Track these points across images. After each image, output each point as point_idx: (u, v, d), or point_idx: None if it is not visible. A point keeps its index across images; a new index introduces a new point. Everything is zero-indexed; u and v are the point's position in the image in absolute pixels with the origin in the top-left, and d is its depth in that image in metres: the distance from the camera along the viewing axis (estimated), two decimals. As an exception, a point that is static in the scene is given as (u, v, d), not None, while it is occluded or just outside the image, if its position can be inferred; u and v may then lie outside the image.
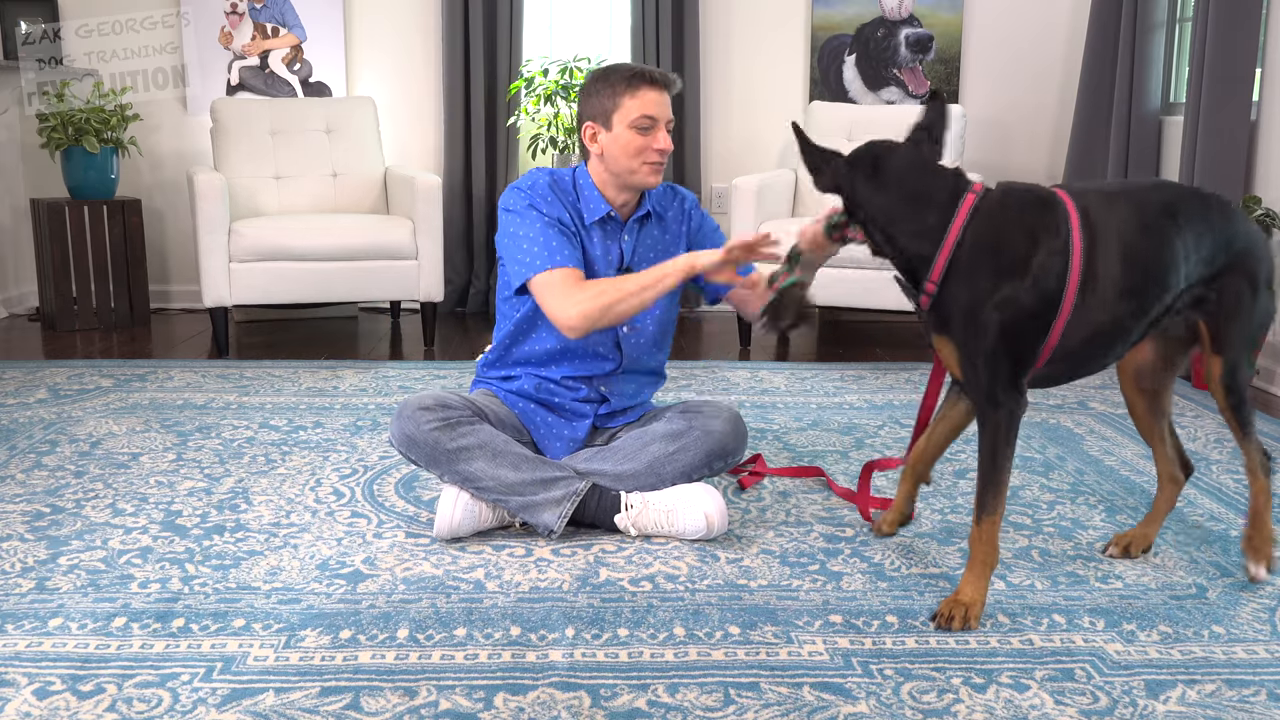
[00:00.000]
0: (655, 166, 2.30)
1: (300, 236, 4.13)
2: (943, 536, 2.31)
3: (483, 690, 1.67)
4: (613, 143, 2.28)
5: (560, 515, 2.22)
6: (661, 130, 2.28)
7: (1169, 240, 1.91)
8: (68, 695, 1.65)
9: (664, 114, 2.28)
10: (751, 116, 5.12)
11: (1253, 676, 1.74)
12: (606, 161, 2.30)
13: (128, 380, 3.62)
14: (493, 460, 2.22)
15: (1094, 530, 2.36)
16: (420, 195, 4.24)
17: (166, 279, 5.11)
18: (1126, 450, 2.94)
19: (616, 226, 2.37)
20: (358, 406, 3.33)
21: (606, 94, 2.27)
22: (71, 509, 2.44)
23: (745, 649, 1.81)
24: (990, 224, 1.86)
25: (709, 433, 2.31)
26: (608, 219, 2.36)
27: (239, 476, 2.67)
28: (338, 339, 4.52)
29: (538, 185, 2.34)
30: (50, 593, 2.00)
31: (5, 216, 4.91)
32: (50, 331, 4.56)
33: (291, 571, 2.11)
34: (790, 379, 3.74)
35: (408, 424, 2.26)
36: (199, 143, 4.94)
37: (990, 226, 1.86)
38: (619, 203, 2.36)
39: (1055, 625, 1.90)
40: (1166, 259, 1.90)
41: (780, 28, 5.08)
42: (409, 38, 5.04)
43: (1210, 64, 3.78)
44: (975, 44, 5.07)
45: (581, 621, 1.90)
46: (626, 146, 2.27)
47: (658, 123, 2.27)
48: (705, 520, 2.23)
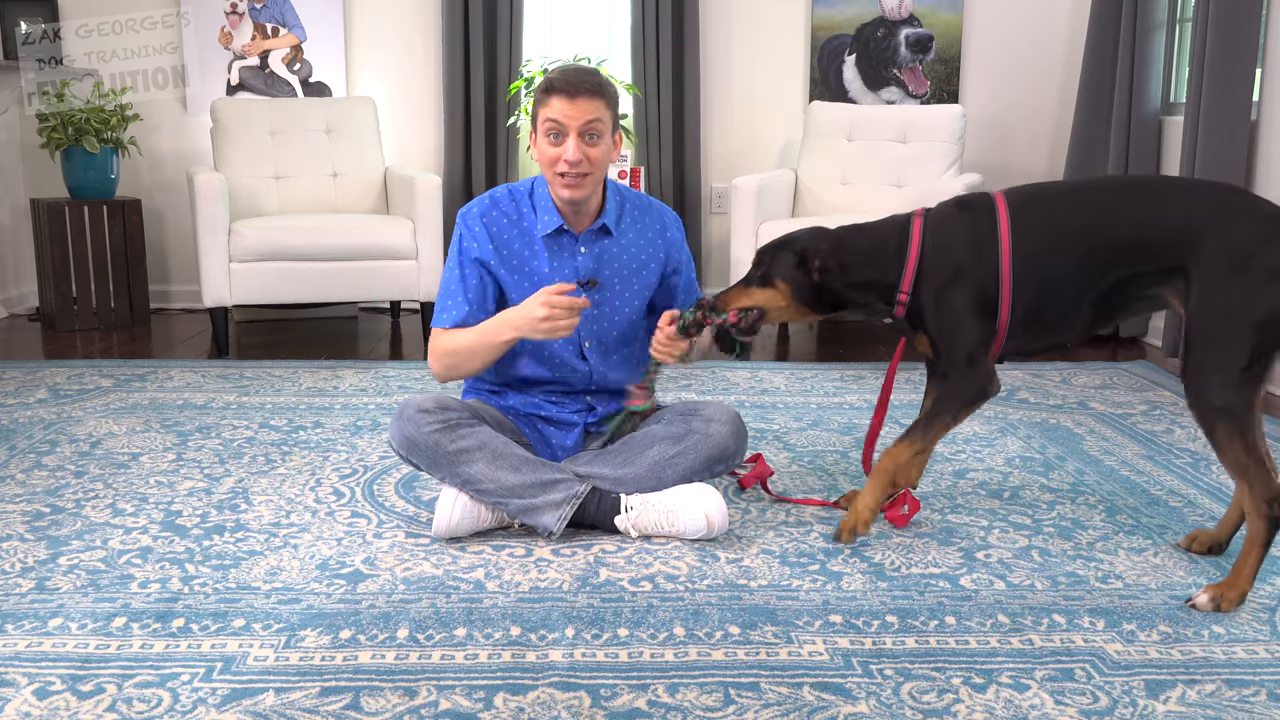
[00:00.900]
0: (569, 180, 2.21)
1: (300, 236, 4.13)
2: (943, 536, 2.31)
3: (483, 690, 1.67)
4: (537, 152, 2.26)
5: (560, 518, 2.21)
6: (571, 139, 2.18)
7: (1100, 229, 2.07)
8: (68, 695, 1.65)
9: (572, 122, 2.17)
10: (751, 116, 5.12)
11: (1253, 676, 1.74)
12: None
13: (128, 380, 3.62)
14: (493, 462, 2.22)
15: (1094, 530, 2.36)
16: (420, 195, 4.24)
17: (166, 279, 5.11)
18: (1126, 450, 2.94)
19: (571, 239, 2.34)
20: (358, 406, 3.33)
21: (534, 101, 2.26)
22: (71, 509, 2.44)
23: (745, 649, 1.81)
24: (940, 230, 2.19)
25: (709, 436, 2.31)
26: (559, 232, 2.32)
27: (239, 476, 2.67)
28: (338, 339, 4.52)
29: (470, 211, 2.34)
30: (50, 593, 2.00)
31: (5, 216, 4.91)
32: (50, 331, 4.56)
33: (291, 571, 2.11)
34: (790, 379, 3.74)
35: (408, 426, 2.25)
36: (199, 143, 4.94)
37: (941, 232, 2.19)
38: (568, 214, 2.31)
39: (1055, 625, 1.90)
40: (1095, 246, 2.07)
41: (780, 28, 5.08)
42: (409, 38, 5.04)
43: (1210, 64, 3.78)
44: (975, 44, 5.07)
45: (581, 621, 1.90)
46: (541, 156, 2.24)
47: (567, 130, 2.18)
48: (706, 520, 2.23)
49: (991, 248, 2.12)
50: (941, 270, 2.16)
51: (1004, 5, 5.04)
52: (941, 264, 2.16)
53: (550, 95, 2.20)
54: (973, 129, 4.94)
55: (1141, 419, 3.26)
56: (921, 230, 2.19)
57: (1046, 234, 2.12)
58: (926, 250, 2.17)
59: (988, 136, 5.06)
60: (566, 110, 2.18)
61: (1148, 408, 3.39)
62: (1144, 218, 2.06)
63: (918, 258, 2.17)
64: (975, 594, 2.03)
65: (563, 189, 2.24)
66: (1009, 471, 2.75)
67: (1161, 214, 2.05)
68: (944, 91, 5.09)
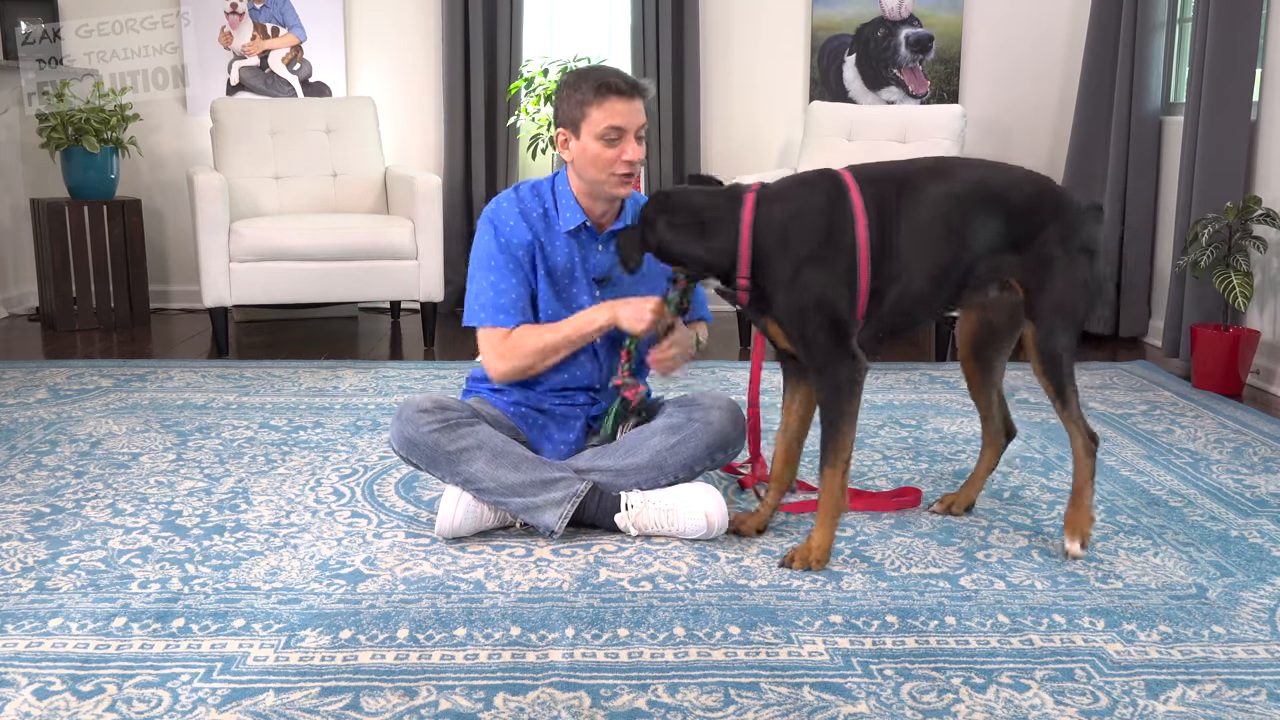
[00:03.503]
0: (624, 179, 2.25)
1: (300, 236, 4.13)
2: (943, 536, 2.31)
3: (483, 690, 1.67)
4: (581, 153, 2.24)
5: (561, 516, 2.22)
6: (630, 140, 2.21)
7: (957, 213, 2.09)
8: (68, 695, 1.65)
9: (633, 123, 2.21)
10: (751, 116, 5.12)
11: (1253, 676, 1.74)
12: (578, 169, 2.28)
13: (128, 380, 3.62)
14: (493, 461, 2.22)
15: (1094, 530, 2.35)
16: (420, 195, 4.24)
17: (166, 279, 5.11)
18: (1126, 450, 2.94)
19: (592, 237, 2.35)
20: (358, 406, 3.33)
21: (575, 102, 2.23)
22: (71, 509, 2.44)
23: (745, 649, 1.81)
24: (776, 212, 2.08)
25: (708, 424, 2.31)
26: (582, 229, 2.34)
27: (239, 476, 2.67)
28: (338, 339, 4.52)
29: (500, 205, 2.34)
30: (50, 593, 2.00)
31: (5, 216, 4.91)
32: (50, 331, 4.56)
33: (291, 571, 2.11)
34: (790, 379, 3.74)
35: (407, 426, 2.25)
36: (199, 143, 4.94)
37: (777, 214, 2.08)
38: (596, 212, 2.33)
39: (1055, 625, 1.90)
40: (954, 229, 2.09)
41: (780, 28, 5.08)
42: (409, 38, 5.04)
43: (1210, 64, 3.78)
44: (975, 44, 5.07)
45: (581, 621, 1.90)
46: (595, 159, 2.23)
47: (625, 133, 2.20)
48: (706, 519, 2.23)
49: (846, 227, 2.06)
50: (791, 252, 2.06)
51: (1004, 5, 5.04)
52: (790, 245, 2.06)
53: (608, 97, 2.19)
54: (973, 129, 4.94)
55: (1141, 419, 3.26)
56: (754, 208, 2.08)
57: (899, 213, 2.09)
58: (762, 230, 2.07)
59: (988, 136, 5.07)
60: (628, 111, 2.20)
61: (1148, 408, 3.39)
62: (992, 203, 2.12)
63: (750, 239, 2.06)
64: (975, 594, 2.03)
65: (619, 187, 2.26)
66: (1009, 471, 2.75)
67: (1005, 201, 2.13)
68: (944, 91, 5.09)
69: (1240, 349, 3.57)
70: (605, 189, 2.26)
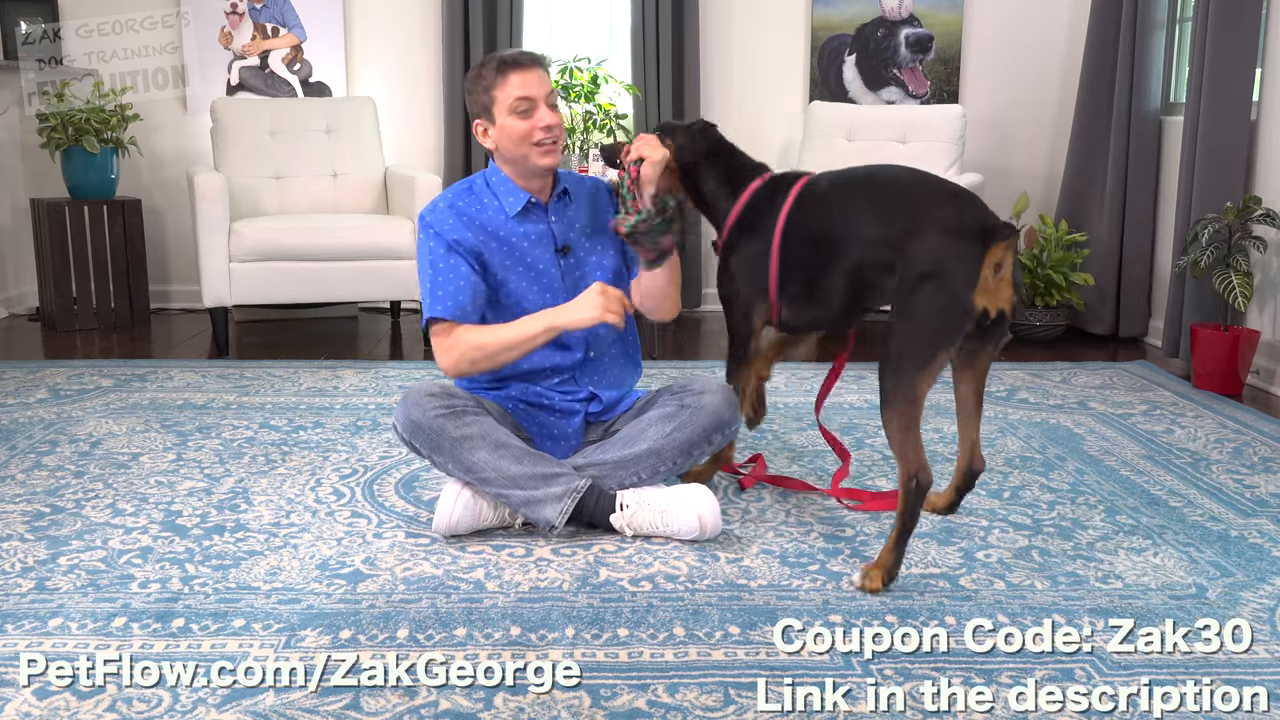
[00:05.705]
0: (546, 147, 2.29)
1: (300, 236, 4.13)
2: (943, 536, 2.31)
3: (482, 690, 1.67)
4: (501, 134, 2.29)
5: (562, 511, 2.22)
6: (541, 108, 2.27)
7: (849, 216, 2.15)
8: (68, 695, 1.65)
9: (540, 92, 2.27)
10: (751, 116, 5.11)
11: (1253, 676, 1.74)
12: (503, 154, 2.33)
13: (128, 380, 3.62)
14: (495, 451, 2.23)
15: (1094, 530, 2.36)
16: (420, 195, 4.23)
17: (166, 279, 5.11)
18: (1126, 450, 2.94)
19: (540, 210, 2.39)
20: (358, 406, 3.33)
21: (482, 89, 2.30)
22: (71, 509, 2.44)
23: (745, 649, 1.81)
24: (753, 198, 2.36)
25: (703, 408, 2.33)
26: (530, 206, 2.37)
27: (239, 476, 2.67)
28: (338, 339, 4.52)
29: (436, 208, 2.36)
30: (50, 593, 2.00)
31: (5, 216, 4.91)
32: (50, 331, 4.56)
33: (291, 571, 2.11)
34: (790, 379, 3.74)
35: (414, 409, 2.26)
36: (199, 143, 4.94)
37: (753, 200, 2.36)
38: (535, 189, 2.38)
39: (1055, 625, 1.90)
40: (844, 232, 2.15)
41: (780, 28, 5.08)
42: (409, 38, 5.04)
43: (1210, 64, 3.78)
44: (975, 44, 5.07)
45: (581, 621, 1.90)
46: (514, 134, 2.28)
47: (535, 102, 2.26)
48: (698, 521, 2.23)
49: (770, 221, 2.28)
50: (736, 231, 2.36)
51: (1004, 5, 5.04)
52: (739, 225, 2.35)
53: (510, 73, 2.27)
54: (973, 129, 4.94)
55: (1141, 419, 3.26)
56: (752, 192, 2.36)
57: (814, 218, 2.22)
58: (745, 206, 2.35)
59: (988, 136, 5.06)
60: (532, 80, 2.27)
61: (1148, 408, 3.39)
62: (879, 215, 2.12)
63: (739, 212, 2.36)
64: (975, 594, 2.03)
65: (543, 157, 2.30)
66: (1009, 471, 2.75)
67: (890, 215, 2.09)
68: (944, 91, 5.09)
69: (1240, 349, 3.57)
70: (531, 161, 2.30)
